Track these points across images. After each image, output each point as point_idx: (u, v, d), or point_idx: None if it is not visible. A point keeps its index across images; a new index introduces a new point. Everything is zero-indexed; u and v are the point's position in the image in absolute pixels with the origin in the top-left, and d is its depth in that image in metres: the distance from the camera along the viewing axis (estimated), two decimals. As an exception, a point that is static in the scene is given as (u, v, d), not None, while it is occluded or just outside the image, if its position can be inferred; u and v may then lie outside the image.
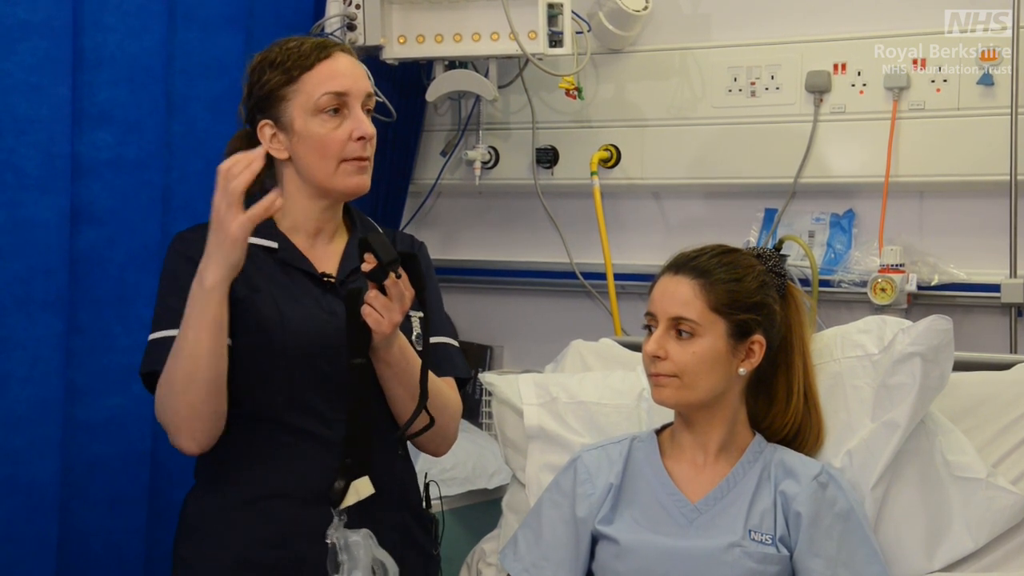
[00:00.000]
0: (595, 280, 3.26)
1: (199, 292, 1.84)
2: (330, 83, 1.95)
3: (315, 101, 1.95)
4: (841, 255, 2.97)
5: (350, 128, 1.96)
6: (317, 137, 1.96)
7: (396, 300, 1.85)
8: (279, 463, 1.95)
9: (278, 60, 1.98)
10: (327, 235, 2.05)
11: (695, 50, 3.13)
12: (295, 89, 1.96)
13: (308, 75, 1.96)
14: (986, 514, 2.01)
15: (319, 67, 1.96)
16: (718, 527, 1.93)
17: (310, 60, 1.96)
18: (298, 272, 1.99)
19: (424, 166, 3.50)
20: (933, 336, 2.05)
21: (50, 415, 2.41)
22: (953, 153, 2.84)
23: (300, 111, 1.96)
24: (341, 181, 1.98)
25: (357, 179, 1.98)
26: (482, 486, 3.00)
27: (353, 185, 1.99)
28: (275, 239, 2.01)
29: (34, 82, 2.36)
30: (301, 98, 1.96)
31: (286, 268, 1.99)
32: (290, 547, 1.94)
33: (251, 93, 2.01)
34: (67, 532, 2.46)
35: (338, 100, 1.96)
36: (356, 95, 1.97)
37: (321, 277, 1.99)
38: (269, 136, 1.99)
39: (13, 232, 2.36)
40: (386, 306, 1.85)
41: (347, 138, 1.96)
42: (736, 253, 2.02)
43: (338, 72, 1.97)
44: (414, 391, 1.94)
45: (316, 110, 1.95)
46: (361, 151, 1.97)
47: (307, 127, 1.96)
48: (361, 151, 1.97)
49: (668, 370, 1.94)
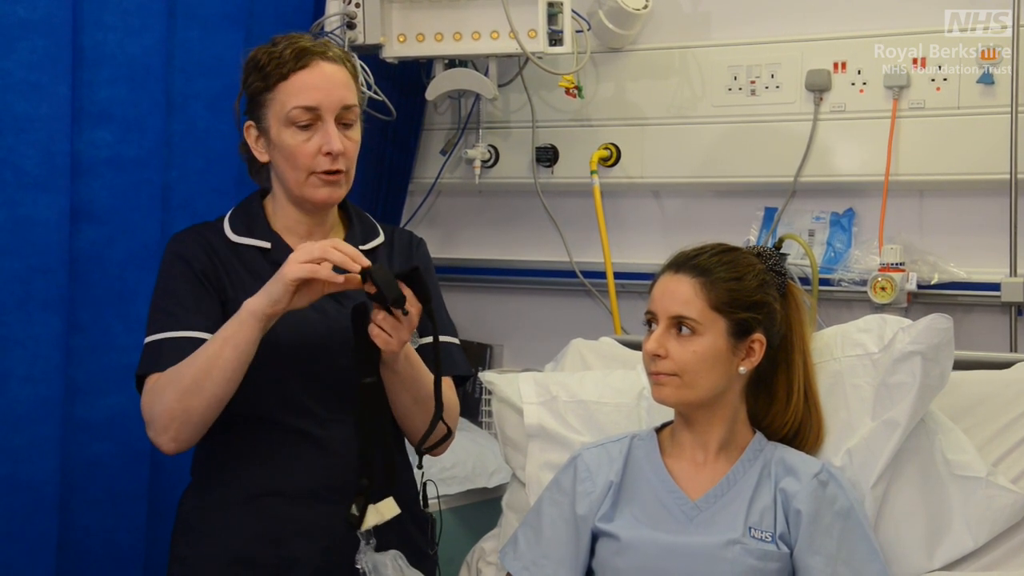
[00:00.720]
0: (595, 279, 3.26)
1: (240, 312, 1.84)
2: (301, 96, 1.94)
3: (286, 113, 1.94)
4: (841, 254, 2.97)
5: (319, 143, 1.95)
6: (288, 148, 1.96)
7: (404, 320, 1.85)
8: (274, 462, 1.95)
9: (261, 63, 1.97)
10: (321, 235, 2.04)
11: (695, 49, 3.13)
12: (271, 97, 1.96)
13: (283, 85, 1.95)
14: (986, 513, 2.01)
15: (293, 78, 1.95)
16: (718, 524, 1.93)
17: (285, 69, 1.95)
18: None
19: (424, 165, 3.50)
20: (933, 335, 2.05)
21: (50, 414, 2.41)
22: (953, 152, 2.84)
23: (275, 119, 1.96)
24: (310, 192, 1.98)
25: (325, 191, 1.98)
26: (482, 485, 3.00)
27: (322, 197, 1.98)
28: (269, 239, 2.01)
29: (33, 80, 2.36)
30: (276, 107, 1.96)
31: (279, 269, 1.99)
32: (286, 545, 1.94)
33: (243, 90, 2.02)
34: (67, 531, 2.46)
35: (309, 114, 1.94)
36: (329, 109, 1.95)
37: None
38: (254, 137, 2.01)
39: (13, 231, 2.36)
40: (395, 327, 1.85)
41: (316, 152, 1.95)
42: (736, 252, 2.02)
43: (311, 85, 1.95)
44: (419, 396, 1.95)
45: (288, 122, 1.95)
46: (329, 165, 1.96)
47: (280, 136, 1.96)
48: (329, 165, 1.96)
49: (669, 369, 1.94)
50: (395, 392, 1.96)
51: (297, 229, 2.03)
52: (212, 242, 2.01)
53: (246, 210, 2.06)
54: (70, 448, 2.46)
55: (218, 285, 1.97)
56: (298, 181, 1.97)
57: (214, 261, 1.98)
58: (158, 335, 1.94)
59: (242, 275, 1.97)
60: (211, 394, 1.86)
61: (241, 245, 2.01)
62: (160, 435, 1.90)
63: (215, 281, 1.97)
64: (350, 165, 1.99)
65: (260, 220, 2.03)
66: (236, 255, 2.00)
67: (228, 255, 2.00)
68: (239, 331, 1.84)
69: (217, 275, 1.97)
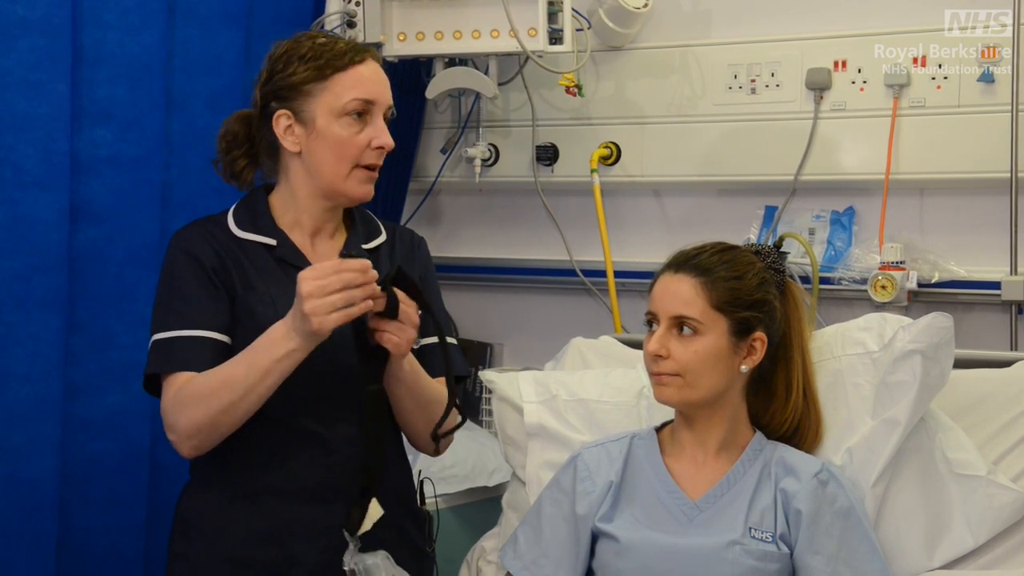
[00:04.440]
0: (595, 277, 3.26)
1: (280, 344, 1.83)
2: (360, 88, 1.96)
3: (343, 104, 1.95)
4: (841, 252, 2.97)
5: (370, 136, 1.97)
6: (338, 139, 1.96)
7: (406, 320, 1.86)
8: (275, 460, 1.95)
9: (309, 55, 1.97)
10: (327, 233, 2.04)
11: (695, 47, 3.13)
12: (324, 87, 1.96)
13: (340, 76, 1.96)
14: (986, 511, 2.01)
15: (352, 70, 1.96)
16: (718, 525, 1.92)
17: (344, 61, 1.96)
18: (295, 269, 1.98)
19: (424, 163, 3.50)
20: (933, 333, 2.05)
21: (49, 413, 2.41)
22: (953, 150, 2.84)
23: (325, 110, 1.96)
24: (351, 186, 1.98)
25: (366, 188, 2.00)
26: (482, 484, 3.00)
27: (361, 193, 2.00)
28: (274, 236, 2.01)
29: (33, 79, 2.36)
30: (328, 97, 1.96)
31: (284, 266, 1.99)
32: (285, 544, 1.94)
33: (270, 79, 2.00)
34: (66, 530, 2.46)
35: (364, 106, 1.96)
36: (381, 104, 1.99)
37: None
38: (284, 127, 1.98)
39: (12, 230, 2.36)
40: (399, 329, 1.85)
41: (366, 144, 1.97)
42: (736, 250, 2.02)
43: (369, 79, 1.98)
44: (421, 400, 1.96)
45: (342, 112, 1.95)
46: (376, 160, 1.99)
47: (329, 127, 1.96)
48: (376, 160, 1.99)
49: (670, 369, 1.93)
50: (399, 398, 1.97)
51: (306, 225, 2.02)
52: (218, 238, 2.00)
53: (250, 206, 2.05)
54: (69, 447, 2.46)
55: (227, 282, 1.96)
56: (340, 174, 1.97)
57: (222, 258, 1.98)
58: (168, 333, 1.94)
59: (249, 272, 1.97)
60: (241, 416, 1.88)
61: (246, 241, 2.01)
62: (183, 443, 1.91)
63: (224, 278, 1.96)
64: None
65: (265, 216, 2.03)
66: (242, 251, 2.00)
67: (234, 251, 1.99)
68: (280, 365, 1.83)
69: (227, 272, 1.97)
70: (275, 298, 1.95)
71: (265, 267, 1.98)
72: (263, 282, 1.97)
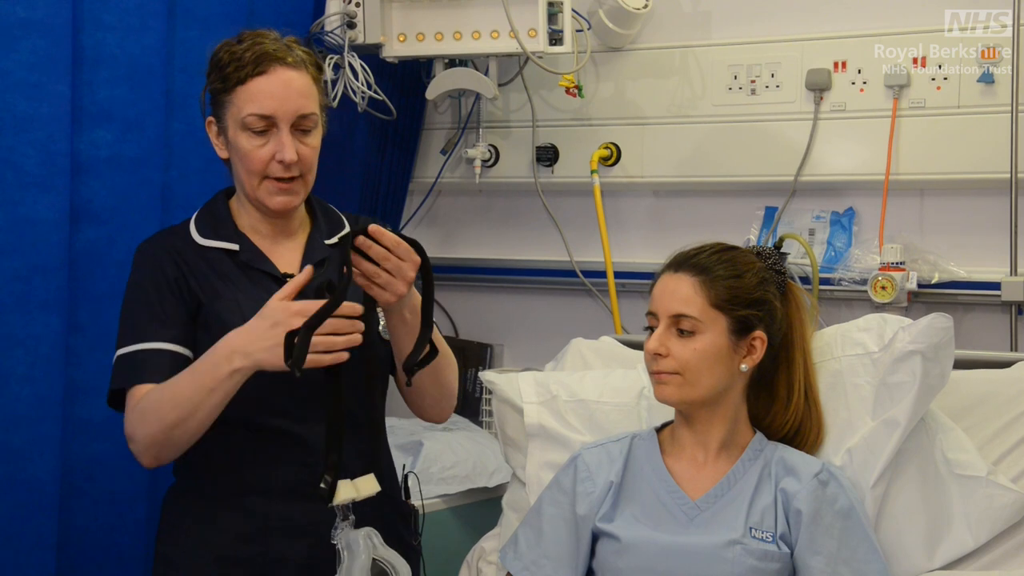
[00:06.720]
0: (595, 278, 3.26)
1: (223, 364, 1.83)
2: (256, 104, 1.92)
3: (242, 118, 1.93)
4: (841, 253, 2.97)
5: (272, 150, 1.93)
6: (243, 152, 1.95)
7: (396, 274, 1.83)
8: (256, 462, 1.96)
9: (223, 63, 1.96)
10: (285, 235, 2.04)
11: (695, 48, 3.13)
12: (229, 99, 1.95)
13: (241, 89, 1.93)
14: (986, 512, 2.01)
15: (251, 83, 1.93)
16: (719, 524, 1.93)
17: (244, 73, 1.93)
18: (260, 273, 1.99)
19: (424, 164, 3.50)
20: (933, 334, 2.05)
21: (50, 413, 2.41)
22: (953, 151, 2.84)
23: (232, 121, 1.95)
24: (263, 197, 1.97)
25: (280, 199, 1.97)
26: (482, 484, 3.00)
27: (277, 204, 1.97)
28: (236, 240, 2.00)
29: (33, 80, 2.36)
30: (232, 109, 1.95)
31: (248, 270, 1.99)
32: (270, 543, 1.94)
33: (206, 86, 2.01)
34: (66, 530, 2.46)
35: (264, 122, 1.93)
36: (284, 118, 1.93)
37: (284, 277, 1.98)
38: (214, 134, 2.00)
39: (12, 230, 2.36)
40: (389, 283, 1.83)
41: (269, 158, 1.94)
42: (736, 250, 2.02)
43: (267, 93, 1.92)
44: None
45: (243, 126, 1.94)
46: (282, 173, 1.95)
47: (236, 139, 1.95)
48: (282, 173, 1.95)
49: (670, 367, 1.94)
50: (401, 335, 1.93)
51: (261, 229, 2.02)
52: (178, 248, 1.99)
53: (211, 211, 2.05)
54: (70, 448, 2.46)
55: (189, 293, 1.96)
56: (252, 185, 1.96)
57: (182, 268, 1.97)
58: (129, 348, 1.94)
59: (212, 280, 1.97)
60: (195, 429, 1.88)
61: (209, 248, 2.00)
62: (143, 454, 1.92)
63: (185, 289, 1.96)
64: (307, 171, 1.98)
65: (226, 221, 2.02)
66: (204, 259, 1.99)
67: (195, 260, 1.98)
68: (225, 384, 1.84)
69: (187, 282, 1.96)
70: (241, 303, 1.94)
71: (229, 273, 1.98)
72: (228, 288, 1.96)
